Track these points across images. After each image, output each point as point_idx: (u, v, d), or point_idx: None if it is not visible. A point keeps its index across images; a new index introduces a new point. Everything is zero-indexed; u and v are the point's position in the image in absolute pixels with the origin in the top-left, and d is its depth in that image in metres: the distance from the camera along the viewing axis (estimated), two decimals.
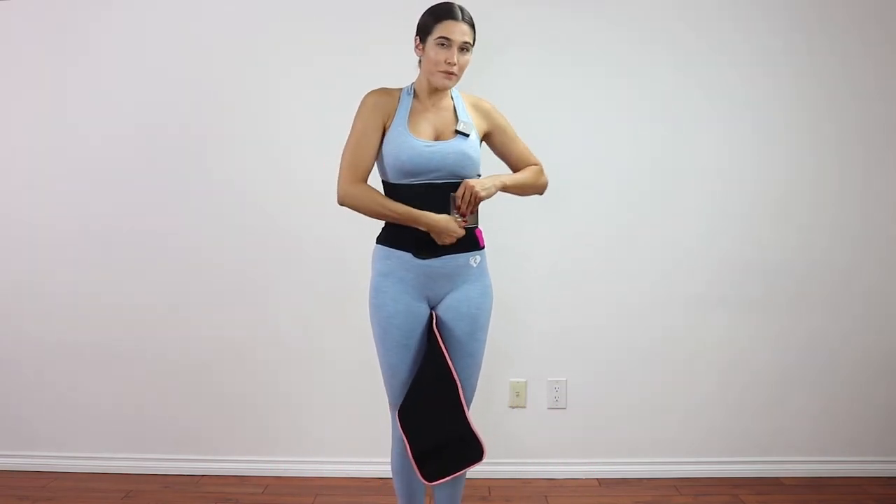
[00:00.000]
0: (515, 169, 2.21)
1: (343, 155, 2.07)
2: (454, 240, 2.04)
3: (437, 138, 2.07)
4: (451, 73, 2.02)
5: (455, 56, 2.01)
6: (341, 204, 2.07)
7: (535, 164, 2.23)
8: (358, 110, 2.08)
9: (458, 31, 2.00)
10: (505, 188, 2.11)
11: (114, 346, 3.04)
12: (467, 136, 2.08)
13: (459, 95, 2.16)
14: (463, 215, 2.03)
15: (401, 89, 2.12)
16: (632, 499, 2.82)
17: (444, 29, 2.00)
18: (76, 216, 3.03)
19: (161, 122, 2.99)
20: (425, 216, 2.01)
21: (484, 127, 2.16)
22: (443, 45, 2.01)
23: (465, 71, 2.06)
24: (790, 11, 2.93)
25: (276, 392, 3.03)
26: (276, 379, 3.03)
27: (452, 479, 2.11)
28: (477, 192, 2.02)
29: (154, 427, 3.05)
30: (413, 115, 2.08)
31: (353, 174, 2.04)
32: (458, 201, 2.02)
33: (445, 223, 2.02)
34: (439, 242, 2.04)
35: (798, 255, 2.98)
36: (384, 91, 2.11)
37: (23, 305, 3.07)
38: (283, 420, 3.04)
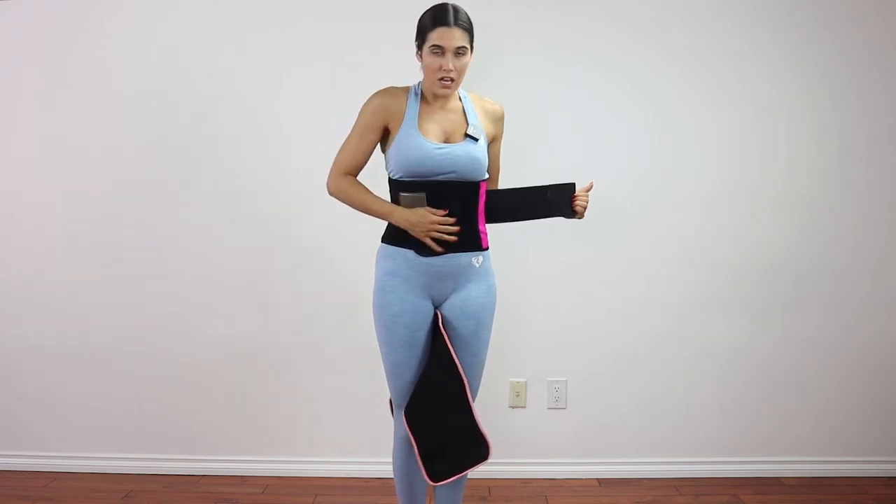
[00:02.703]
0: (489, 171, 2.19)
1: (341, 147, 2.12)
2: (429, 233, 2.02)
3: (446, 140, 2.07)
4: (449, 80, 2.02)
5: (450, 62, 1.99)
6: (330, 195, 2.14)
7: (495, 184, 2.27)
8: (362, 108, 2.10)
9: (451, 38, 1.98)
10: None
11: (114, 346, 3.04)
12: (477, 140, 2.07)
13: (468, 97, 2.15)
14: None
15: (408, 89, 2.12)
16: (632, 499, 2.82)
17: (436, 37, 1.99)
18: (78, 217, 3.03)
19: (164, 124, 2.99)
20: (398, 212, 2.04)
21: (491, 132, 2.17)
22: (436, 52, 2.00)
23: (467, 72, 2.06)
24: (790, 9, 2.93)
25: (277, 392, 3.03)
26: (277, 379, 3.03)
27: (455, 479, 2.12)
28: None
29: (154, 427, 3.05)
30: (422, 116, 2.08)
31: (344, 168, 2.11)
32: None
33: (419, 217, 2.02)
34: (418, 237, 2.04)
35: (798, 254, 2.98)
36: (390, 92, 2.11)
37: (23, 306, 3.07)
38: (283, 420, 3.04)
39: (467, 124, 2.09)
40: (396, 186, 2.08)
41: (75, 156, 3.02)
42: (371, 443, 2.94)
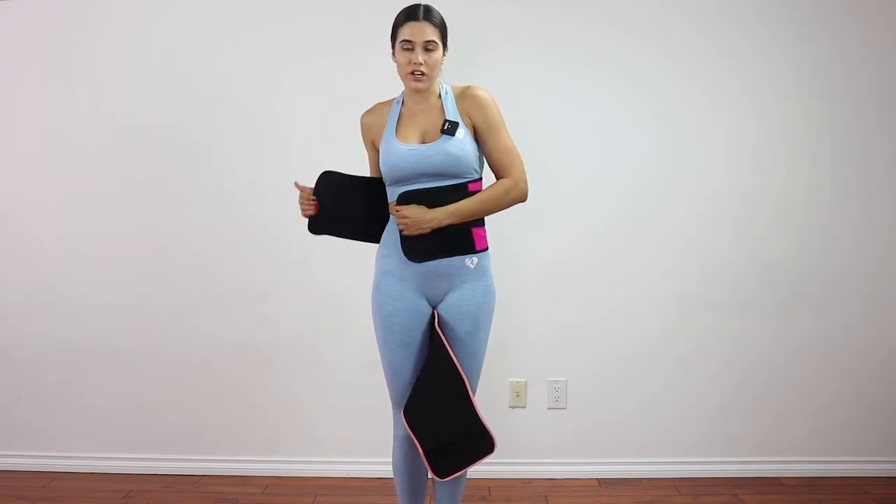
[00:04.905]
0: (493, 169, 2.11)
1: None
2: (409, 230, 2.02)
3: (423, 141, 2.06)
4: (420, 74, 2.02)
5: (419, 56, 2.01)
6: None
7: (507, 177, 2.08)
8: None
9: (420, 32, 2.00)
10: (440, 226, 2.01)
11: (114, 346, 3.04)
12: (452, 135, 2.04)
13: (449, 91, 2.12)
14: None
15: (393, 100, 2.16)
16: (632, 499, 2.82)
17: (405, 32, 2.02)
18: (78, 217, 3.04)
19: (164, 124, 2.99)
20: None
21: (471, 120, 2.08)
22: (407, 47, 2.02)
23: (444, 68, 2.09)
24: (789, 9, 2.93)
25: (277, 392, 3.03)
26: (277, 379, 3.03)
27: (454, 478, 2.12)
28: (410, 227, 2.01)
29: (154, 427, 3.05)
30: (401, 121, 2.11)
31: None
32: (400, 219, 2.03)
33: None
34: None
35: (798, 253, 2.97)
36: (374, 109, 2.19)
37: (24, 306, 3.07)
38: (284, 420, 3.04)
39: (443, 121, 2.06)
40: (389, 192, 2.12)
41: (75, 156, 3.02)
42: (371, 443, 2.94)
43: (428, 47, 2.01)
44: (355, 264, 2.77)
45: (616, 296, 2.99)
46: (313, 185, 2.12)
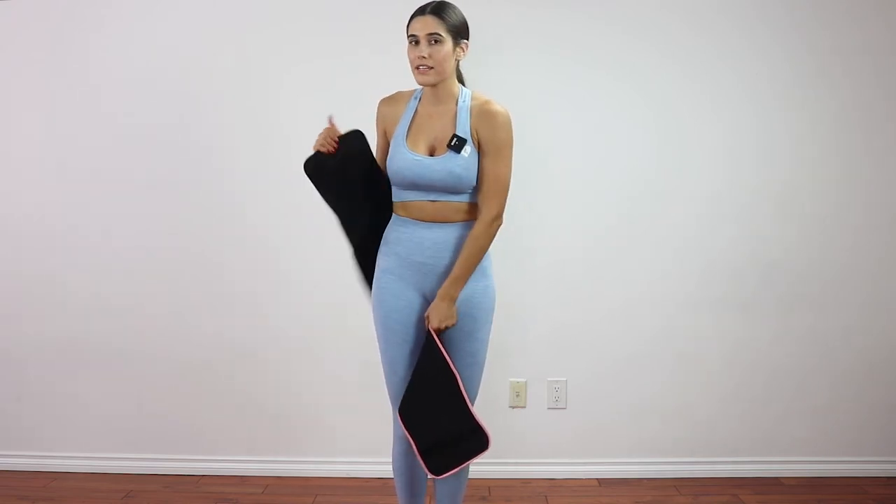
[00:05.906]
0: (477, 187, 2.05)
1: None
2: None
3: (431, 151, 2.05)
4: (426, 67, 2.01)
5: (424, 50, 2.00)
6: None
7: (483, 208, 2.04)
8: None
9: (423, 26, 2.00)
10: (457, 295, 2.04)
11: (114, 346, 3.04)
12: (458, 152, 2.01)
13: (468, 99, 2.07)
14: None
15: (413, 92, 2.14)
16: (632, 499, 2.82)
17: (411, 27, 2.04)
18: (78, 217, 3.03)
19: (164, 124, 2.98)
20: None
21: (480, 137, 2.03)
22: (412, 42, 2.03)
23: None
24: (789, 9, 2.93)
25: (277, 392, 3.03)
26: (277, 379, 3.03)
27: (455, 477, 2.12)
28: (448, 326, 2.04)
29: (154, 427, 3.06)
30: (415, 122, 2.09)
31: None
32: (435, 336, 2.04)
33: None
34: None
35: (798, 253, 2.98)
36: (392, 98, 2.17)
37: (24, 306, 3.07)
38: (284, 420, 3.04)
39: (453, 135, 2.03)
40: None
41: (75, 156, 3.02)
42: (371, 443, 2.93)
43: (432, 40, 1.99)
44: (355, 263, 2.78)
45: (616, 296, 2.99)
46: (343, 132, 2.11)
